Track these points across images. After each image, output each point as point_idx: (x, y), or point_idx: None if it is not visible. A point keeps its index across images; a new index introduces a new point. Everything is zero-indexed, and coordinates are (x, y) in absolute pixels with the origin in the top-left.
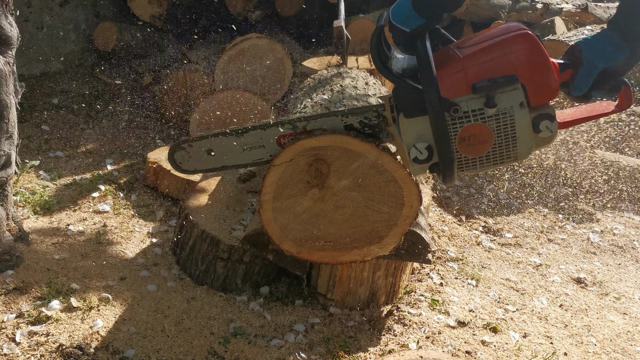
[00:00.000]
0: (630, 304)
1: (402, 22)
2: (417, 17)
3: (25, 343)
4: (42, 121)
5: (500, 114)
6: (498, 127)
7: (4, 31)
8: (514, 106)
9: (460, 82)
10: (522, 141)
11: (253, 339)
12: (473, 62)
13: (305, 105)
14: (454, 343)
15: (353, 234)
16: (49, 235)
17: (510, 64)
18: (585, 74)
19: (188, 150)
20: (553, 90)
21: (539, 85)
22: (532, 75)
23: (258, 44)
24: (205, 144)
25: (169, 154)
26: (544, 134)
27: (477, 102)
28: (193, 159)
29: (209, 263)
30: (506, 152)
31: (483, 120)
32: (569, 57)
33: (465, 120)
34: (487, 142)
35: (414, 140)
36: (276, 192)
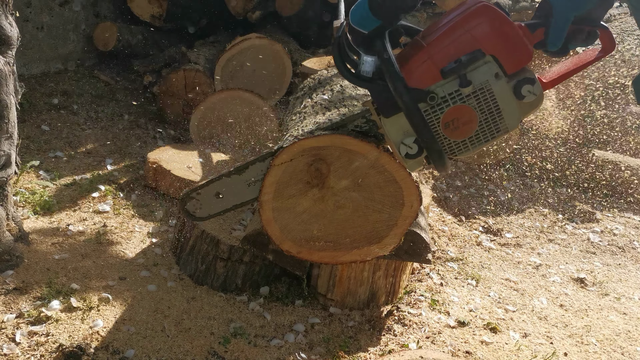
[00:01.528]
0: (630, 304)
1: (360, 24)
2: (374, 19)
3: (25, 343)
4: (42, 121)
5: (477, 91)
6: (479, 104)
7: (4, 31)
8: (489, 79)
9: (430, 70)
10: (507, 112)
11: (253, 339)
12: (437, 47)
13: (305, 105)
14: (454, 343)
15: (353, 234)
16: (49, 235)
17: (474, 39)
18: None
19: (198, 198)
20: (526, 53)
21: (510, 53)
22: (500, 44)
23: (258, 44)
24: (212, 189)
25: (180, 206)
26: (528, 98)
27: (451, 85)
28: (204, 205)
29: (209, 263)
30: (494, 127)
31: (462, 101)
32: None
33: (444, 105)
34: (472, 121)
35: (401, 137)
36: (276, 192)
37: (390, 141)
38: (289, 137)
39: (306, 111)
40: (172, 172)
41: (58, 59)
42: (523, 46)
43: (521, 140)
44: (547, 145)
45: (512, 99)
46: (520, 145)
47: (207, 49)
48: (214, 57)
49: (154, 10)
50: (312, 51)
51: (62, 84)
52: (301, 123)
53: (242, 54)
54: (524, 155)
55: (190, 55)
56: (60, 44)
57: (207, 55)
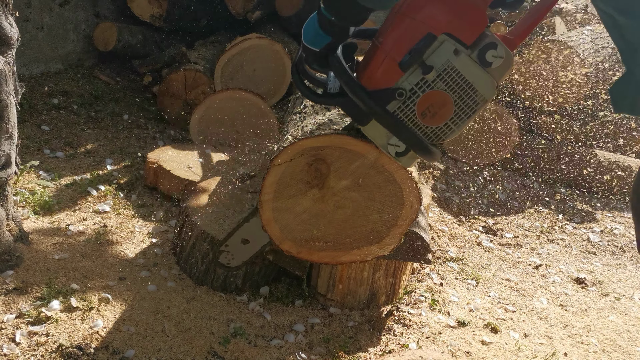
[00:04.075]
0: (630, 304)
1: (312, 42)
2: (324, 36)
3: (25, 343)
4: (42, 121)
5: (442, 73)
6: (448, 85)
7: (4, 31)
8: (449, 58)
9: (390, 67)
10: (479, 83)
11: (253, 339)
12: (390, 42)
13: (305, 105)
14: (454, 343)
15: (353, 234)
16: (49, 235)
17: (422, 23)
18: None
19: (227, 250)
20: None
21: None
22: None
23: (258, 44)
24: (237, 238)
25: (214, 263)
26: (495, 63)
27: (415, 76)
28: (236, 254)
29: (209, 263)
30: (471, 101)
31: (430, 88)
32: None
33: (414, 97)
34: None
35: (385, 139)
36: (276, 192)
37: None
38: (289, 137)
39: (306, 111)
40: (172, 172)
41: (58, 59)
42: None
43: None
44: (547, 145)
45: (479, 69)
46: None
47: (207, 49)
48: (214, 57)
49: (154, 10)
50: None
51: (62, 84)
52: (301, 123)
53: (242, 54)
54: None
55: (190, 55)
56: (60, 44)
57: (207, 55)
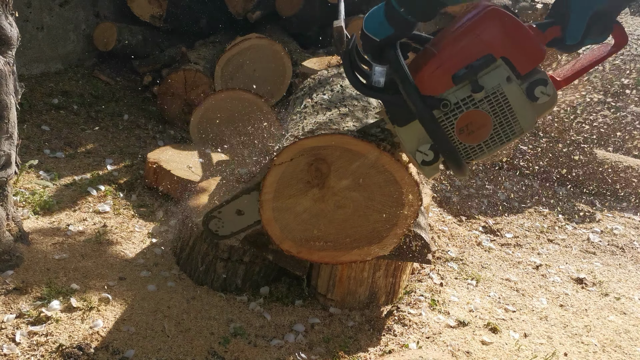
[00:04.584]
0: (630, 304)
1: (374, 31)
2: (388, 27)
3: (25, 343)
4: (42, 121)
5: (490, 95)
6: (492, 108)
7: (4, 31)
8: (501, 83)
9: (441, 76)
10: (521, 114)
11: (253, 339)
12: (448, 53)
13: (305, 105)
14: (454, 343)
15: (353, 234)
16: (49, 235)
17: (484, 43)
18: (577, 21)
19: (219, 217)
20: (537, 54)
21: (520, 54)
22: (510, 46)
23: (258, 44)
24: (233, 207)
25: (203, 226)
26: (541, 100)
27: (463, 91)
28: (226, 223)
29: (209, 263)
30: (509, 129)
31: (475, 106)
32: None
33: (457, 111)
34: (486, 125)
35: (416, 144)
36: (276, 192)
37: (406, 149)
38: (289, 136)
39: (306, 111)
40: (172, 172)
41: (58, 59)
42: (534, 47)
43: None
44: (547, 145)
45: (526, 101)
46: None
47: (207, 49)
48: (214, 57)
49: (154, 10)
50: (312, 51)
51: (62, 84)
52: (301, 123)
53: (242, 54)
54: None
55: (190, 55)
56: (60, 44)
57: (207, 55)
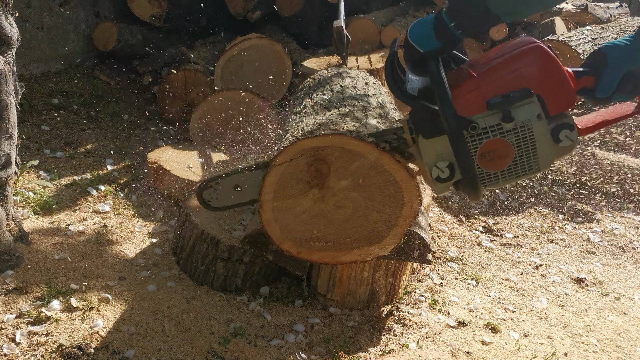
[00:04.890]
0: (630, 304)
1: (419, 42)
2: (435, 40)
3: (25, 343)
4: (42, 121)
5: (518, 128)
6: (517, 140)
7: (4, 31)
8: (531, 119)
9: (476, 100)
10: (542, 152)
11: (253, 339)
12: (487, 79)
13: (305, 105)
14: (454, 343)
15: (353, 234)
16: (49, 235)
17: (524, 77)
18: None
19: (215, 188)
20: (570, 99)
21: (555, 96)
22: (547, 86)
23: (258, 44)
24: (232, 180)
25: (197, 194)
26: (564, 143)
27: (494, 118)
28: (221, 196)
29: (209, 263)
30: (527, 165)
31: (502, 135)
32: (589, 63)
33: (484, 136)
34: (508, 156)
35: (435, 159)
36: (276, 192)
37: (422, 162)
38: (289, 137)
39: (306, 111)
40: (172, 172)
41: (58, 59)
42: (568, 91)
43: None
44: None
45: (550, 141)
46: None
47: (207, 49)
48: (214, 57)
49: (154, 10)
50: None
51: (62, 84)
52: (301, 123)
53: (242, 54)
54: None
55: (190, 55)
56: (60, 44)
57: (207, 55)
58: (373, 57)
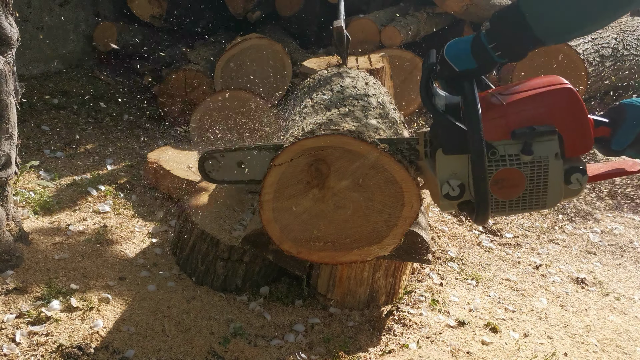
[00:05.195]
0: (630, 304)
1: (455, 61)
2: (472, 61)
3: (25, 343)
4: (42, 121)
5: (535, 162)
6: (532, 174)
7: (4, 31)
8: (549, 156)
9: (501, 127)
10: (552, 190)
11: (253, 339)
12: (515, 109)
13: (305, 105)
14: (454, 343)
15: (353, 234)
16: (49, 235)
17: (551, 115)
18: (627, 131)
19: (219, 160)
20: (588, 144)
21: (575, 138)
22: (570, 128)
23: (258, 44)
24: (238, 156)
25: (199, 161)
26: (573, 186)
27: (514, 148)
28: (223, 169)
29: (209, 263)
30: (535, 199)
31: (518, 166)
32: (609, 114)
33: (501, 163)
34: (519, 187)
35: (448, 176)
36: (276, 192)
37: (432, 176)
38: (289, 137)
39: (306, 111)
40: (172, 172)
41: (58, 59)
42: (588, 137)
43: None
44: None
45: (561, 181)
46: None
47: (207, 49)
48: (214, 57)
49: (154, 10)
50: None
51: (62, 84)
52: (301, 123)
53: (242, 54)
54: None
55: (190, 55)
56: (60, 44)
57: (207, 55)
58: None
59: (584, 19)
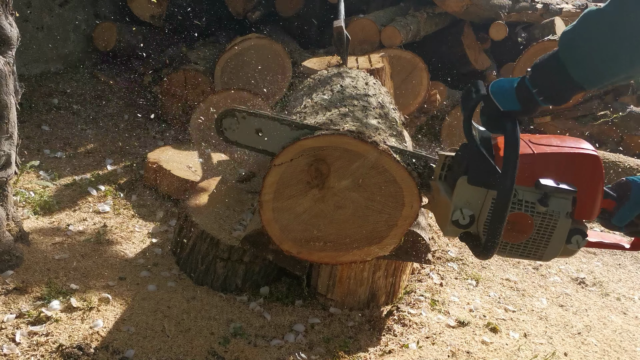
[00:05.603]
0: (630, 304)
1: (500, 100)
2: (516, 102)
3: (25, 343)
4: (42, 121)
5: (547, 214)
6: (541, 225)
7: (4, 31)
8: (561, 212)
9: (527, 173)
10: (552, 245)
11: (253, 339)
12: (543, 160)
13: (305, 105)
14: (454, 343)
15: (353, 234)
16: (49, 235)
17: (574, 176)
18: (630, 209)
19: (239, 120)
20: (595, 212)
21: (587, 204)
22: (586, 193)
23: (258, 44)
24: (258, 122)
25: (219, 115)
26: (572, 246)
27: (532, 196)
28: (240, 131)
29: (209, 263)
30: (535, 249)
31: (531, 214)
32: (616, 189)
33: (516, 207)
34: (526, 233)
35: (463, 204)
36: (276, 192)
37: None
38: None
39: (306, 111)
40: (172, 172)
41: (58, 59)
42: (597, 206)
43: None
44: None
45: (563, 239)
46: None
47: (207, 49)
48: (214, 57)
49: (154, 10)
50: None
51: (62, 84)
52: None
53: (242, 54)
54: None
55: (190, 55)
56: (60, 44)
57: (207, 55)
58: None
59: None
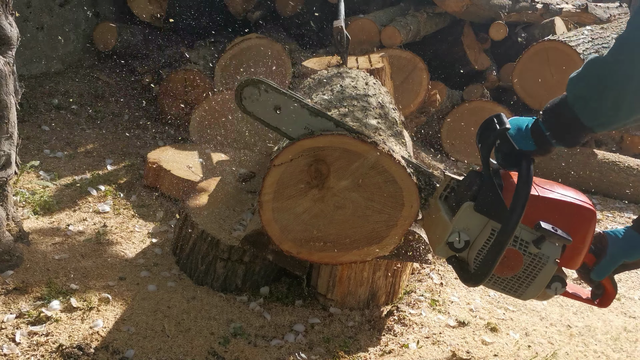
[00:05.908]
0: (630, 304)
1: (515, 139)
2: (531, 142)
3: (25, 343)
4: (42, 121)
5: (538, 257)
6: (529, 265)
7: (4, 31)
8: (550, 257)
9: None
10: (534, 287)
11: (253, 339)
12: (545, 204)
13: None
14: (454, 343)
15: (353, 234)
16: (49, 235)
17: (570, 225)
18: (607, 265)
19: (261, 93)
20: (577, 264)
21: (573, 255)
22: (577, 244)
23: (258, 44)
24: (279, 100)
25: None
26: (550, 292)
27: (528, 235)
28: (259, 103)
29: (209, 263)
30: (517, 287)
31: (523, 252)
32: (595, 243)
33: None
34: (513, 270)
35: (462, 228)
36: (276, 192)
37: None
38: None
39: None
40: (172, 172)
41: (58, 59)
42: (581, 259)
43: None
44: None
45: (545, 283)
46: None
47: (207, 49)
48: (214, 57)
49: (154, 10)
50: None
51: (62, 84)
52: None
53: (242, 54)
54: None
55: (190, 55)
56: (60, 44)
57: (207, 55)
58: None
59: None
